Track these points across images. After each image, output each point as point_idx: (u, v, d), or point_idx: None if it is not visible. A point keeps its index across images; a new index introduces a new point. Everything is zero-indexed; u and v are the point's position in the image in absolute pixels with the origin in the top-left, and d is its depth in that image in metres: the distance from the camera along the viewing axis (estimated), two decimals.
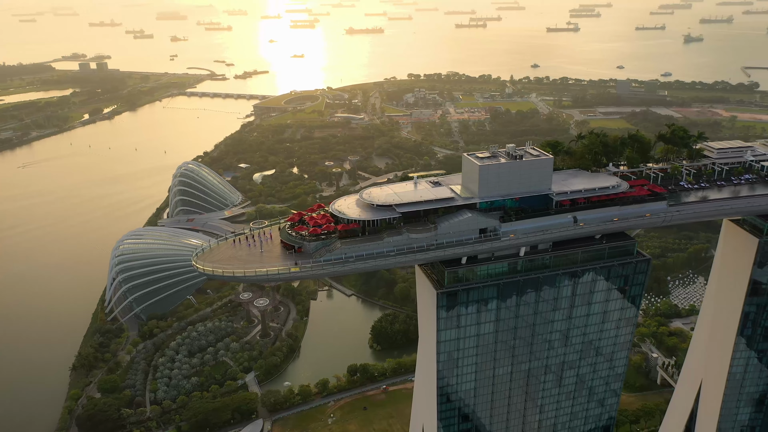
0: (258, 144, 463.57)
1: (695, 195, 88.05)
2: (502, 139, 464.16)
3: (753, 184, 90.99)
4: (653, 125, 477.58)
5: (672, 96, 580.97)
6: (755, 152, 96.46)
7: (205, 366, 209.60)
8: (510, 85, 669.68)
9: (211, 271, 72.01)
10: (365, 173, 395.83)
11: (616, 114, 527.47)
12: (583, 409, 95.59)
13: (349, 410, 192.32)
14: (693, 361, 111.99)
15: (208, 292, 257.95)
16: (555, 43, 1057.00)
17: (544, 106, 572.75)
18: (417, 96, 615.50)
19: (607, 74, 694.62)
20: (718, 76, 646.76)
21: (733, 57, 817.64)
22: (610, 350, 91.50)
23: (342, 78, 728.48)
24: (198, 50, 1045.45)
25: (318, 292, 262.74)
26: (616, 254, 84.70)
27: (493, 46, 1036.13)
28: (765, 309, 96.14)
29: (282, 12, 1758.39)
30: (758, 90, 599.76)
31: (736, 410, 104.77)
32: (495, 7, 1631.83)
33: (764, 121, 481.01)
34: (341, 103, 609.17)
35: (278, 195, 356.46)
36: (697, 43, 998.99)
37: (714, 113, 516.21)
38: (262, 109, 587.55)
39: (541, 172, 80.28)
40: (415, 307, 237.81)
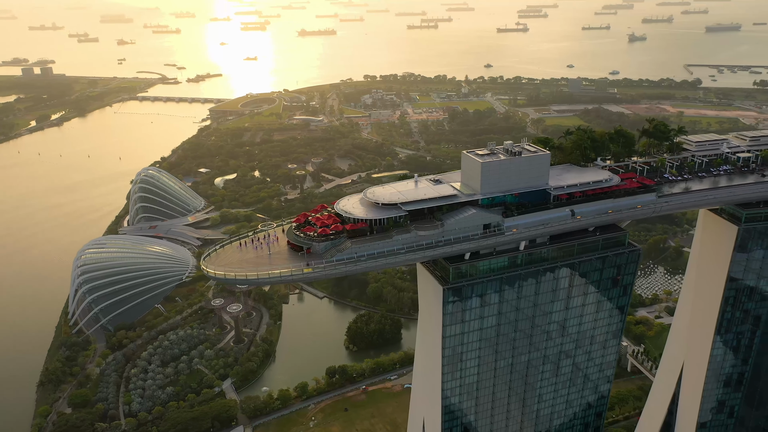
0: (217, 148, 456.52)
1: (679, 186, 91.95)
2: (462, 138, 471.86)
3: (731, 174, 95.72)
4: (606, 122, 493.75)
5: (621, 93, 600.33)
6: (730, 144, 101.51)
7: (179, 375, 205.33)
8: (465, 85, 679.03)
9: (223, 275, 71.26)
10: (329, 175, 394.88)
11: (569, 112, 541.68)
12: (579, 396, 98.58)
13: (330, 412, 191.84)
14: (674, 344, 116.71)
15: (177, 299, 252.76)
16: (506, 43, 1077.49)
17: (500, 105, 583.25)
18: (375, 97, 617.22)
19: (559, 73, 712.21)
20: (662, 73, 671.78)
21: (675, 55, 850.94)
22: (603, 338, 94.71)
23: (298, 80, 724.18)
24: (147, 54, 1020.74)
25: (290, 296, 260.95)
26: (610, 245, 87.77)
27: (446, 46, 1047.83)
28: (743, 293, 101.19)
29: (231, 14, 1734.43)
30: (701, 87, 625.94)
31: (717, 391, 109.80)
32: (445, 8, 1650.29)
33: (709, 116, 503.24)
34: (299, 105, 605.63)
35: (242, 199, 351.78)
36: (641, 42, 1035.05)
37: (662, 109, 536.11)
38: (218, 113, 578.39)
39: (539, 168, 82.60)
40: (388, 306, 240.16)
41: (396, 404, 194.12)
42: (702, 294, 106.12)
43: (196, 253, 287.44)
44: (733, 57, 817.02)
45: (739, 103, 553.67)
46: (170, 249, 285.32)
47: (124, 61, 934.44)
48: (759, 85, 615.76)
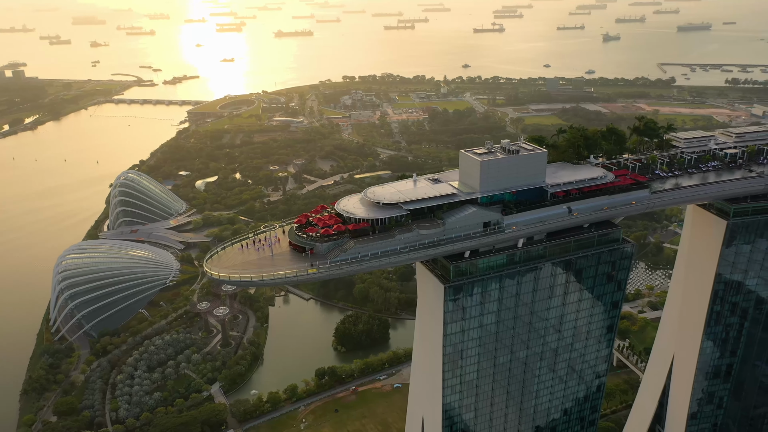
0: (197, 150, 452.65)
1: (670, 182, 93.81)
2: (442, 138, 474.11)
3: (719, 170, 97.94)
4: (584, 120, 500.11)
5: (598, 92, 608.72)
6: (717, 141, 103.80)
7: (167, 380, 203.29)
8: (444, 85, 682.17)
9: (228, 276, 70.94)
10: (311, 176, 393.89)
11: (547, 111, 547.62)
12: (575, 390, 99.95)
13: (321, 414, 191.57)
14: (664, 338, 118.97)
15: (161, 304, 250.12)
16: (483, 44, 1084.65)
17: (479, 104, 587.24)
18: (354, 98, 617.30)
19: (536, 73, 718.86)
20: (637, 72, 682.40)
21: (648, 54, 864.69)
22: (599, 333, 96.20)
23: (276, 82, 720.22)
24: (121, 56, 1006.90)
25: (275, 298, 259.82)
26: (605, 241, 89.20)
27: (424, 47, 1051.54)
28: (732, 286, 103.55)
29: (206, 15, 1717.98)
30: (675, 85, 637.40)
31: (707, 382, 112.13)
32: (421, 8, 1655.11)
33: (684, 114, 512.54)
34: (278, 106, 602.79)
35: (224, 202, 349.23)
36: (615, 41, 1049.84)
37: (638, 108, 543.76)
38: (196, 115, 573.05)
39: (537, 166, 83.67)
40: (375, 306, 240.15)
41: (386, 404, 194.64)
42: (691, 288, 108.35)
43: (179, 257, 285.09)
44: (704, 56, 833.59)
45: (711, 101, 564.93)
46: (153, 253, 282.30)
47: (98, 64, 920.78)
48: (731, 83, 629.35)
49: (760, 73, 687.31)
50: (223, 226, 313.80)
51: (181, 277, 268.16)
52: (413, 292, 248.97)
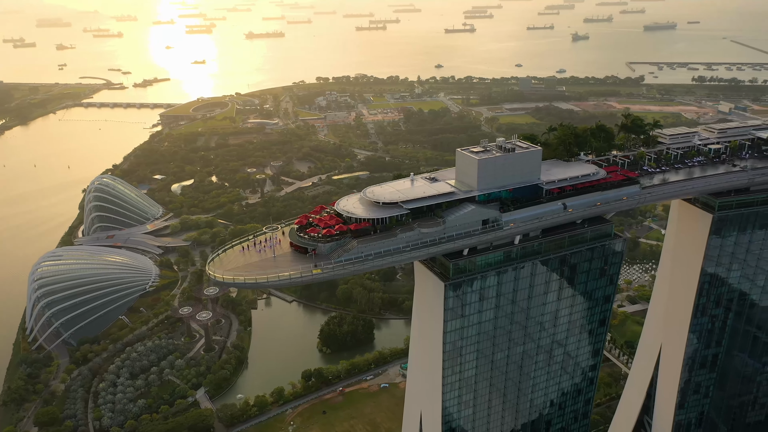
0: (171, 154, 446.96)
1: (658, 178, 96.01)
2: (419, 138, 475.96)
3: (704, 165, 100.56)
4: (557, 119, 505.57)
5: (569, 91, 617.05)
6: (701, 137, 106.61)
7: (150, 387, 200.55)
8: (418, 85, 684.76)
9: (232, 279, 70.52)
10: (288, 178, 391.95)
11: (521, 110, 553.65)
12: (570, 384, 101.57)
13: (309, 416, 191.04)
14: (651, 330, 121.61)
15: (141, 310, 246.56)
16: (455, 44, 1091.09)
17: (454, 104, 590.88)
18: (329, 99, 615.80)
19: (508, 72, 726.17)
20: (607, 71, 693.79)
21: (617, 53, 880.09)
22: (592, 326, 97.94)
23: (249, 83, 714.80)
24: (89, 58, 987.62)
25: (258, 301, 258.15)
26: (597, 236, 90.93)
27: (396, 47, 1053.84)
28: (718, 278, 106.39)
29: (175, 17, 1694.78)
30: (644, 83, 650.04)
31: (694, 372, 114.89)
32: (392, 9, 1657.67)
33: (653, 111, 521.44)
34: (252, 108, 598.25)
35: (201, 205, 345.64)
36: (584, 41, 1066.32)
37: (609, 106, 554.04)
38: (169, 118, 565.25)
39: (532, 164, 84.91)
40: (359, 307, 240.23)
41: (374, 404, 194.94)
42: (678, 281, 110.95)
43: (158, 262, 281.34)
44: (671, 54, 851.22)
45: (680, 98, 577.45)
46: (130, 259, 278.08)
47: (65, 67, 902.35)
48: (697, 81, 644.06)
49: (725, 71, 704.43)
50: (202, 229, 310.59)
51: (160, 282, 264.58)
52: (396, 292, 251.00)
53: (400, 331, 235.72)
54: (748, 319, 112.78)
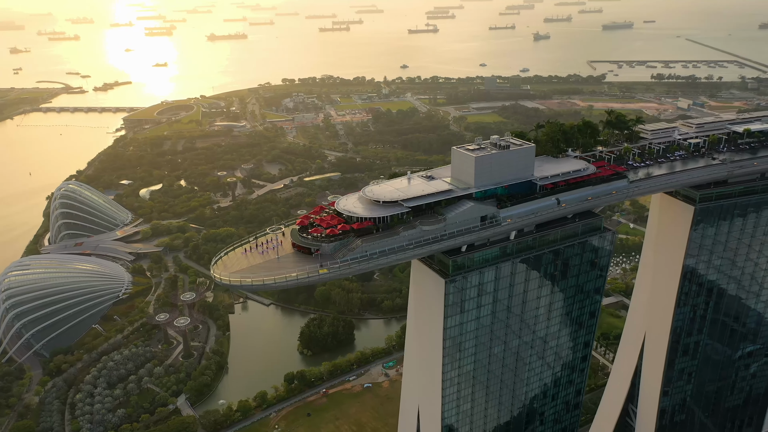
0: (137, 158, 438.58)
1: (643, 172, 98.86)
2: (388, 138, 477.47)
3: (685, 159, 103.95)
4: (523, 117, 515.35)
5: (534, 90, 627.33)
6: (680, 132, 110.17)
7: (129, 396, 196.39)
8: (385, 86, 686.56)
9: (239, 282, 70.04)
10: (259, 181, 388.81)
11: (488, 109, 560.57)
12: (562, 375, 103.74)
13: (293, 419, 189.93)
14: (635, 320, 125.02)
15: (115, 318, 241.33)
16: (419, 44, 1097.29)
17: (421, 104, 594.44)
18: (296, 100, 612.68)
19: (473, 72, 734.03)
20: (569, 69, 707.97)
21: (578, 52, 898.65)
22: (584, 318, 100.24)
23: (214, 86, 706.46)
24: (45, 62, 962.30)
25: (235, 305, 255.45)
26: (588, 230, 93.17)
27: (361, 48, 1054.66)
28: (699, 267, 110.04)
29: (133, 19, 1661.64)
30: (605, 81, 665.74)
31: (678, 359, 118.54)
32: (354, 10, 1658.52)
33: (615, 108, 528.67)
34: (218, 111, 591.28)
35: (172, 210, 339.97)
36: (546, 40, 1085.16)
37: (573, 104, 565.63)
38: (133, 122, 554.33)
39: (526, 160, 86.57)
40: (338, 308, 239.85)
41: (358, 404, 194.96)
42: (661, 271, 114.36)
43: (131, 269, 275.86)
44: (629, 53, 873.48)
45: (640, 95, 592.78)
46: (101, 266, 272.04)
47: (20, 71, 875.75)
48: (656, 79, 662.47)
49: (682, 69, 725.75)
50: (174, 234, 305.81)
51: (134, 289, 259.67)
52: (374, 292, 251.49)
53: (380, 331, 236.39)
54: (728, 306, 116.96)
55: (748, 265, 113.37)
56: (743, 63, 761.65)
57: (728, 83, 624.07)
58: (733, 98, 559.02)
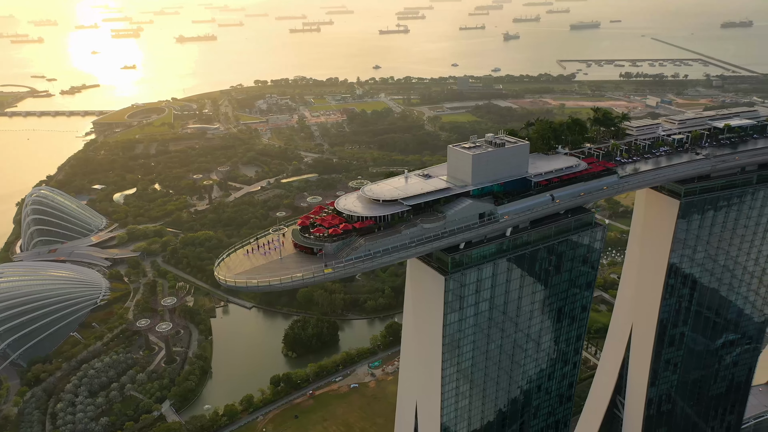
0: (109, 162, 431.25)
1: (631, 167, 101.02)
2: (364, 138, 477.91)
3: (669, 154, 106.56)
4: (497, 116, 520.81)
5: (506, 89, 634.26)
6: (664, 128, 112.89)
7: (112, 404, 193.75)
8: (358, 86, 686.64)
9: (245, 284, 69.70)
10: (236, 183, 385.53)
11: (462, 108, 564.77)
12: (555, 369, 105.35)
13: (281, 422, 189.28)
14: (621, 313, 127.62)
15: (93, 325, 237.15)
16: (390, 45, 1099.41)
17: (395, 105, 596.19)
18: (269, 102, 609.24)
19: (445, 72, 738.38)
20: (539, 69, 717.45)
21: (547, 52, 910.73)
22: (576, 312, 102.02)
23: (185, 88, 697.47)
24: (8, 65, 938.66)
25: (216, 309, 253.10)
26: (580, 225, 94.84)
27: (332, 49, 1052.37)
28: (685, 260, 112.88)
29: (98, 21, 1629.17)
30: (575, 80, 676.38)
31: (664, 350, 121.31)
32: (324, 11, 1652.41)
33: (586, 107, 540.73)
34: (191, 113, 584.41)
35: (148, 214, 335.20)
36: (515, 40, 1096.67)
37: (545, 102, 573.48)
38: (103, 126, 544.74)
39: (521, 157, 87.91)
40: (321, 310, 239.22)
41: (346, 405, 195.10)
42: (647, 264, 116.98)
43: (108, 275, 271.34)
44: (597, 52, 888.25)
45: (610, 94, 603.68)
46: (77, 272, 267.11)
47: None
48: (624, 77, 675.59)
49: (648, 67, 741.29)
50: (151, 239, 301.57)
51: (111, 295, 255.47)
52: (357, 293, 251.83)
53: (364, 331, 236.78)
54: (711, 297, 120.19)
55: (729, 256, 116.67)
56: (707, 61, 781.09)
57: (694, 81, 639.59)
58: (699, 95, 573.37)
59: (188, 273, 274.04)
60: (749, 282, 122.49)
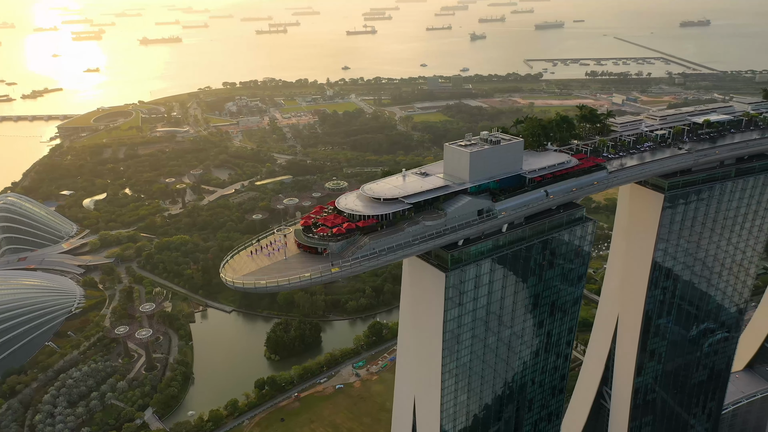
0: (77, 168, 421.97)
1: (618, 163, 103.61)
2: (336, 139, 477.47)
3: (653, 150, 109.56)
4: (467, 116, 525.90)
5: (476, 89, 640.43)
6: (646, 124, 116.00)
7: (93, 413, 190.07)
8: (329, 87, 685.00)
9: (253, 284, 69.32)
10: (209, 186, 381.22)
11: (433, 108, 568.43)
12: (549, 361, 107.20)
13: (267, 425, 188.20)
14: (607, 305, 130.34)
15: (69, 334, 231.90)
16: (358, 46, 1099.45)
17: (367, 105, 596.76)
18: (239, 104, 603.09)
19: (415, 72, 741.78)
20: (507, 68, 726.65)
21: (513, 51, 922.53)
22: (568, 305, 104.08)
23: (152, 91, 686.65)
24: None
25: (195, 314, 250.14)
26: (572, 220, 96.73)
27: (301, 50, 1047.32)
28: (669, 252, 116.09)
29: (58, 23, 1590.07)
30: (543, 79, 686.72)
31: (649, 340, 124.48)
32: (290, 12, 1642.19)
33: (555, 105, 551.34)
34: (159, 116, 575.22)
35: (120, 219, 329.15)
36: (482, 40, 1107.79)
37: (514, 101, 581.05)
38: (68, 130, 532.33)
39: (515, 154, 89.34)
40: (302, 311, 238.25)
41: (332, 406, 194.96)
42: (633, 257, 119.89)
43: (81, 282, 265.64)
44: (562, 51, 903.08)
45: (577, 92, 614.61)
46: (50, 281, 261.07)
47: None
48: (590, 76, 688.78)
49: (613, 66, 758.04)
50: (125, 244, 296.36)
51: (86, 303, 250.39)
52: (338, 294, 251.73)
53: (346, 331, 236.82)
54: (693, 288, 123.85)
55: (710, 247, 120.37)
56: (668, 59, 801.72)
57: (657, 79, 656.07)
58: (663, 93, 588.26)
59: (165, 278, 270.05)
60: (728, 272, 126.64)
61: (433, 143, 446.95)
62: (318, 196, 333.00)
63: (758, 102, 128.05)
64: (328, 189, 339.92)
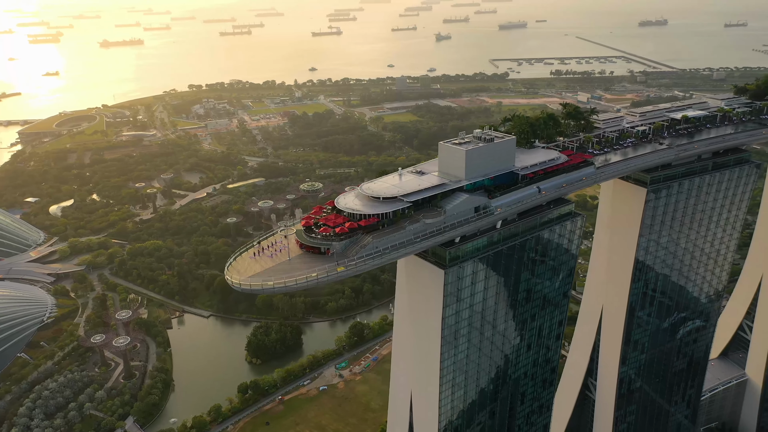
0: (41, 174, 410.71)
1: (603, 158, 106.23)
2: (307, 141, 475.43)
3: (636, 145, 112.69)
4: (437, 115, 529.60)
5: (444, 88, 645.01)
6: (627, 121, 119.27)
7: (72, 425, 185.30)
8: (297, 89, 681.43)
9: (260, 286, 69.01)
10: (180, 191, 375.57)
11: (402, 108, 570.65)
12: (540, 355, 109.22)
13: (252, 429, 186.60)
14: (591, 298, 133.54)
15: (42, 344, 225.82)
16: (324, 47, 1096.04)
17: (336, 106, 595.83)
18: (206, 107, 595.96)
19: (382, 73, 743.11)
20: (472, 68, 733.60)
21: (478, 51, 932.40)
22: (558, 298, 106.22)
23: (115, 94, 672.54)
24: None
25: (171, 320, 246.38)
26: (562, 215, 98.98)
27: (266, 52, 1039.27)
28: (651, 244, 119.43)
29: (13, 26, 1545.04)
30: (509, 78, 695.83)
31: (633, 332, 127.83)
32: (254, 13, 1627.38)
33: (522, 104, 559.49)
34: (124, 120, 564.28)
35: (89, 226, 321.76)
36: (447, 40, 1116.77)
37: (482, 101, 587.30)
38: (30, 135, 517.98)
39: (508, 152, 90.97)
40: (282, 314, 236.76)
41: (316, 408, 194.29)
42: (616, 250, 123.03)
43: (52, 291, 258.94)
44: (526, 51, 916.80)
45: (543, 91, 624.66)
46: (18, 290, 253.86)
47: None
48: (555, 75, 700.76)
49: (576, 65, 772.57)
50: (96, 251, 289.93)
51: (59, 312, 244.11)
52: (317, 295, 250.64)
53: (327, 333, 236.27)
54: (674, 278, 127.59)
55: (689, 239, 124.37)
56: (629, 58, 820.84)
57: (619, 77, 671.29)
58: (626, 91, 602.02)
59: (139, 284, 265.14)
60: (706, 263, 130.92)
61: (404, 143, 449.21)
62: (293, 198, 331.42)
63: (730, 98, 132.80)
64: (303, 191, 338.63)
